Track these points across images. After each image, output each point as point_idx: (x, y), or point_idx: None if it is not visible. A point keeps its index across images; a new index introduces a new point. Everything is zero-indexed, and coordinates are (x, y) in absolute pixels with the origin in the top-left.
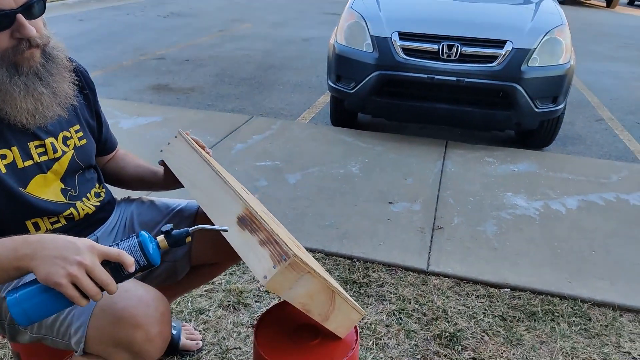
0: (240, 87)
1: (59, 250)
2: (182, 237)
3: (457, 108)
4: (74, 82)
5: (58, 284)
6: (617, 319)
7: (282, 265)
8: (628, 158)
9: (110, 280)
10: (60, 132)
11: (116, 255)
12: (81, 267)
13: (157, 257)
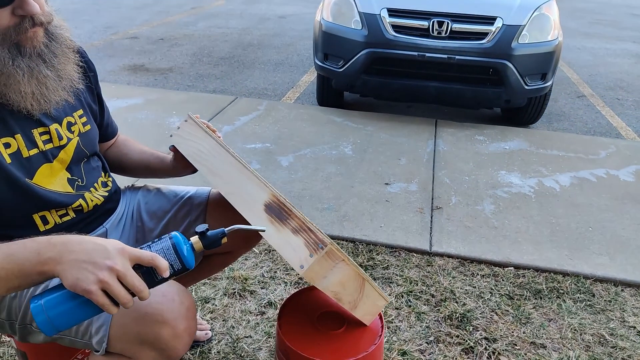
0: (219, 67)
1: (88, 254)
2: (218, 238)
3: (447, 86)
4: (78, 63)
5: (88, 291)
6: (619, 294)
7: (319, 254)
8: (612, 134)
9: (144, 286)
10: (65, 118)
11: (149, 258)
12: (112, 272)
13: (191, 260)
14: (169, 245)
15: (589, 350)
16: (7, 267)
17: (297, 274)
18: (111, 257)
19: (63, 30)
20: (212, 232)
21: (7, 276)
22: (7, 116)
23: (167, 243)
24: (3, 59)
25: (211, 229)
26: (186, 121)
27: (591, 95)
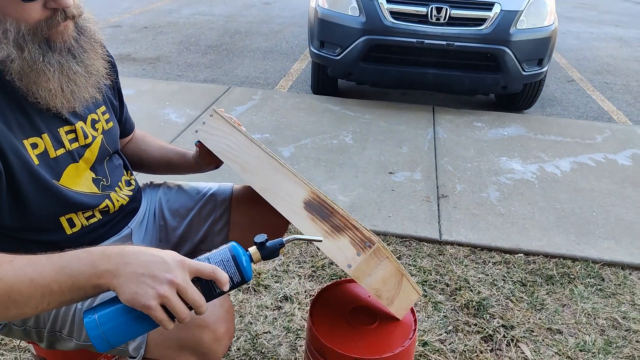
0: (208, 55)
1: (147, 267)
2: (276, 249)
3: (446, 72)
4: (105, 58)
5: (147, 306)
6: (628, 277)
7: (367, 252)
8: (604, 118)
9: (203, 301)
10: (89, 115)
11: (210, 272)
12: (172, 286)
13: (250, 271)
14: (228, 257)
15: (603, 334)
16: (60, 280)
17: (310, 267)
18: (171, 270)
19: (91, 24)
20: (271, 243)
21: (61, 290)
22: (34, 115)
23: (226, 254)
24: (33, 55)
25: (235, 225)
26: (212, 116)
27: (580, 79)
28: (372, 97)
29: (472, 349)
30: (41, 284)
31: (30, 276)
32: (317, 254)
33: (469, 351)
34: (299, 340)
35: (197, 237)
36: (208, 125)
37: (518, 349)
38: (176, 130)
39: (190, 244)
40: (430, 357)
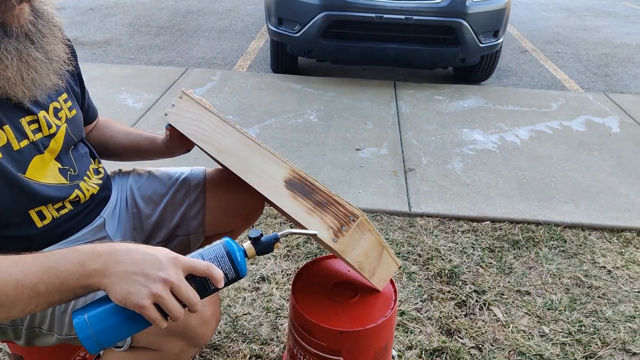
0: (161, 37)
1: (139, 265)
2: (271, 244)
3: (405, 47)
4: (66, 42)
5: (140, 306)
6: (588, 237)
7: (351, 226)
8: (557, 86)
9: (197, 299)
10: (50, 104)
11: (205, 268)
12: (166, 284)
13: (245, 267)
14: (223, 254)
15: (568, 293)
16: (48, 282)
17: (285, 247)
18: (164, 268)
19: (48, 6)
20: (266, 238)
21: (48, 291)
22: None
23: (220, 251)
24: None
25: (211, 209)
26: (181, 98)
27: (533, 49)
28: (333, 74)
29: (447, 315)
30: (27, 286)
31: (16, 278)
32: None
33: (444, 317)
34: (279, 319)
35: (172, 223)
36: (178, 107)
37: (490, 312)
38: (135, 115)
39: (165, 230)
40: (408, 325)
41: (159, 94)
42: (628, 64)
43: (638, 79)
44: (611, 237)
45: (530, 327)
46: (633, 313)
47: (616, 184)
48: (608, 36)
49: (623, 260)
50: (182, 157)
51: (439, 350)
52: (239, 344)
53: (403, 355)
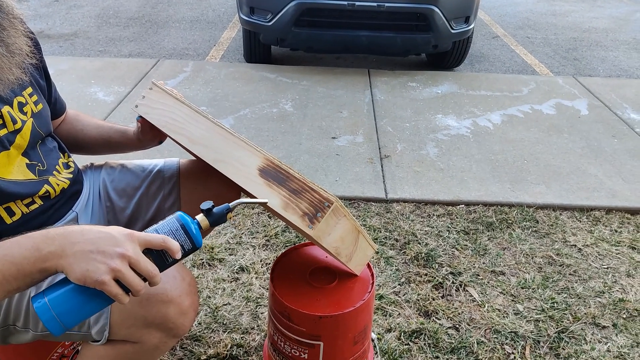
0: (130, 28)
1: (94, 243)
2: (224, 214)
3: (378, 34)
4: (27, 35)
5: (100, 282)
6: (559, 217)
7: (326, 212)
8: (528, 71)
9: (156, 271)
10: (14, 98)
11: (161, 241)
12: (124, 259)
13: (200, 238)
14: (177, 226)
15: (541, 271)
16: (3, 269)
17: (264, 236)
18: (120, 244)
19: None
20: (218, 209)
21: (5, 279)
22: None
23: (175, 224)
24: None
25: (186, 200)
26: (151, 89)
27: (504, 35)
28: (307, 63)
29: (425, 297)
30: None
31: None
32: (270, 223)
33: (422, 300)
34: (259, 308)
35: (147, 215)
36: (148, 99)
37: (467, 293)
38: (106, 109)
39: (141, 223)
40: (387, 309)
41: (130, 87)
42: (596, 48)
43: (606, 62)
44: (581, 216)
45: (505, 306)
46: (602, 288)
47: (585, 165)
48: (576, 20)
49: (592, 238)
50: (154, 149)
51: (417, 331)
52: (219, 334)
53: (382, 338)
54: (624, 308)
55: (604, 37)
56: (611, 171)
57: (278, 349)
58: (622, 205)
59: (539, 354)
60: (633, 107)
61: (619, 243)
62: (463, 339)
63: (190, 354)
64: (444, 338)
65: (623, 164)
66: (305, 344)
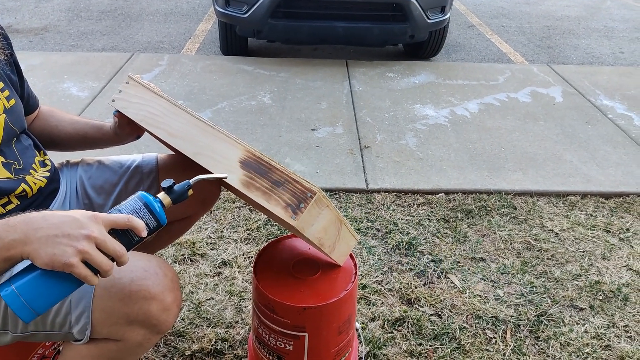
0: (103, 22)
1: (58, 227)
2: (185, 190)
3: (355, 25)
4: None
5: (69, 264)
6: (536, 203)
7: (309, 202)
8: (503, 59)
9: (124, 250)
10: None
11: (125, 220)
12: (90, 240)
13: (164, 215)
14: (140, 205)
15: (520, 257)
16: None
17: (245, 230)
18: (85, 226)
19: None
20: (178, 186)
21: None
22: None
23: (137, 203)
24: None
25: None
26: (128, 83)
27: (479, 24)
28: (284, 55)
29: (407, 285)
30: None
31: None
32: (251, 216)
33: (404, 288)
34: (243, 301)
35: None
36: (125, 93)
37: (448, 280)
38: (80, 104)
39: None
40: (370, 298)
41: (105, 81)
42: (569, 36)
43: (578, 50)
44: (557, 201)
45: (486, 292)
46: (579, 271)
47: (561, 151)
48: (550, 9)
49: (569, 222)
50: (132, 145)
51: (401, 319)
52: (203, 329)
53: (367, 327)
54: (600, 290)
55: (577, 25)
56: (585, 157)
57: (263, 342)
58: (596, 190)
59: (520, 338)
60: (605, 93)
61: (594, 227)
62: (445, 325)
63: (174, 350)
64: (426, 325)
65: (597, 149)
66: (290, 335)
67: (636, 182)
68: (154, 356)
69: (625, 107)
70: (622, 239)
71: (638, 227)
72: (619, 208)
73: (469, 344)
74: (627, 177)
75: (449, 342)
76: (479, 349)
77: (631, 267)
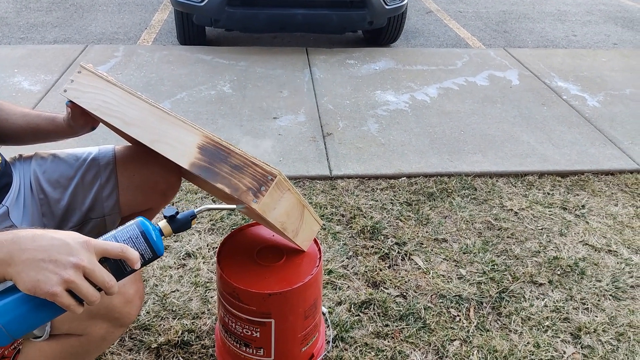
0: (54, 13)
1: (46, 252)
2: (188, 221)
3: (314, 12)
4: None
5: (52, 293)
6: (495, 184)
7: (269, 185)
8: (461, 44)
9: (113, 282)
10: None
11: (119, 251)
12: (78, 269)
13: (161, 245)
14: (137, 234)
15: (481, 236)
16: None
17: (209, 221)
18: (75, 253)
19: None
20: (182, 215)
21: None
22: None
23: (135, 231)
24: None
25: (125, 187)
26: (80, 72)
27: (437, 10)
28: (243, 43)
29: (372, 268)
30: None
31: None
32: None
33: (369, 271)
34: (208, 292)
35: (84, 205)
36: (78, 82)
37: (412, 261)
38: (33, 99)
39: (79, 214)
40: (336, 282)
41: (58, 74)
42: (524, 20)
43: (533, 33)
44: (516, 181)
45: (449, 272)
46: (538, 248)
47: (518, 133)
48: None
49: (527, 202)
50: (88, 137)
51: (367, 302)
52: (169, 321)
53: (333, 311)
54: (558, 265)
55: (531, 9)
56: (542, 137)
57: (230, 331)
58: (553, 169)
59: (483, 314)
60: (560, 75)
61: (551, 205)
62: (411, 305)
63: (140, 343)
64: (392, 306)
65: (552, 130)
66: (256, 322)
67: (590, 160)
68: (119, 350)
69: (579, 88)
70: (578, 215)
71: (593, 204)
72: (574, 186)
73: (433, 323)
74: (582, 156)
75: (415, 322)
76: (443, 327)
77: (587, 242)
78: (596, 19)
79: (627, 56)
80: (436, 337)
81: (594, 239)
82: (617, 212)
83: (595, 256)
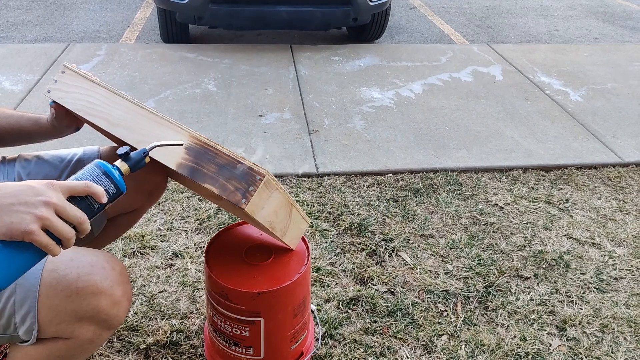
0: (34, 11)
1: (14, 196)
2: (141, 158)
3: (298, 9)
4: None
5: (28, 231)
6: (480, 179)
7: (258, 185)
8: (445, 40)
9: (85, 217)
10: None
11: (84, 186)
12: (49, 207)
13: (123, 183)
14: (98, 172)
15: (467, 231)
16: None
17: (196, 220)
18: (42, 193)
19: None
20: (135, 153)
21: None
22: None
23: (95, 170)
24: None
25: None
26: (63, 72)
27: (421, 6)
28: (227, 41)
29: (360, 265)
30: None
31: None
32: (201, 206)
33: (357, 268)
34: (197, 292)
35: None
36: (61, 82)
37: (399, 257)
38: (14, 99)
39: None
40: (324, 280)
41: (40, 74)
42: (507, 15)
43: (516, 29)
44: (501, 176)
45: (436, 267)
46: (523, 242)
47: (503, 128)
48: None
49: (512, 196)
50: (72, 138)
51: (355, 299)
52: (157, 321)
53: (322, 308)
54: (543, 259)
55: (514, 4)
56: (526, 132)
57: (219, 330)
58: (537, 164)
59: (470, 309)
60: (542, 70)
61: (536, 199)
62: (399, 301)
63: (128, 344)
64: (380, 303)
65: (536, 124)
66: (245, 321)
67: (574, 154)
68: (107, 352)
69: (562, 83)
70: (562, 209)
71: (577, 198)
72: (558, 180)
73: (421, 318)
74: (565, 150)
75: (403, 318)
76: (431, 322)
77: (571, 236)
78: (577, 14)
79: (609, 51)
80: (424, 332)
81: (578, 233)
82: (600, 205)
83: (580, 249)
